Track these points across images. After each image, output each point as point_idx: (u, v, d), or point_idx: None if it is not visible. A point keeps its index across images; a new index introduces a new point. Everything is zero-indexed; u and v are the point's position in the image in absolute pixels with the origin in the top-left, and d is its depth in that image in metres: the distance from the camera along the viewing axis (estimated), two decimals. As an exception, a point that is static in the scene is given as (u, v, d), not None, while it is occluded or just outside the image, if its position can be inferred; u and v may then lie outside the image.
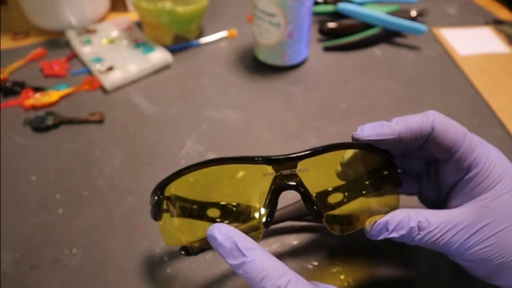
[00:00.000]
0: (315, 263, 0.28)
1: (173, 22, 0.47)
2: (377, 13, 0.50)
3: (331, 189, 0.24)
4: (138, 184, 0.33)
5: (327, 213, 0.23)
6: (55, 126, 0.39)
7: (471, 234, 0.20)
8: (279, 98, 0.43)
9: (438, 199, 0.25)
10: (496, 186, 0.20)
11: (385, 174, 0.23)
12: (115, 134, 0.38)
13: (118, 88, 0.44)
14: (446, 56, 0.50)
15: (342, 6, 0.51)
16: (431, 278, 0.27)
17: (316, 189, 0.21)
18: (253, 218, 0.22)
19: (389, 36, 0.52)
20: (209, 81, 0.45)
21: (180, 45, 0.49)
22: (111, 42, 0.49)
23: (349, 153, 0.23)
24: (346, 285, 0.26)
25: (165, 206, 0.23)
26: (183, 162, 0.35)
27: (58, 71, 0.45)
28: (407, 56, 0.50)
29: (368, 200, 0.24)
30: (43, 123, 0.38)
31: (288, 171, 0.20)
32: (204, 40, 0.51)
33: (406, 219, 0.21)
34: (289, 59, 0.45)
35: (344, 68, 0.47)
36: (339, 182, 0.24)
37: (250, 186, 0.22)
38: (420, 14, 0.54)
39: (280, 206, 0.22)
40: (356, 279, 0.27)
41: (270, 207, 0.21)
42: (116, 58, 0.46)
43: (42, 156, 0.36)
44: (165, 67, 0.46)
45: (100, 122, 0.39)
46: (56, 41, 0.51)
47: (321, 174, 0.23)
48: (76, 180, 0.34)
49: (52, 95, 0.41)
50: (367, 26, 0.51)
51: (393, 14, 0.52)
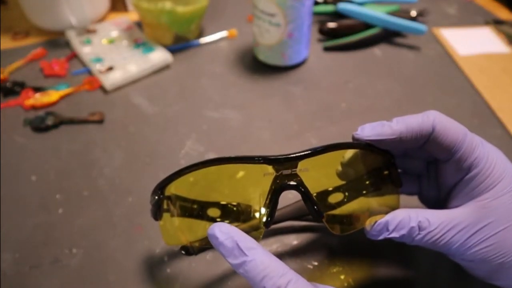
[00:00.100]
0: (315, 263, 0.28)
1: (173, 22, 0.47)
2: (377, 13, 0.50)
3: (331, 189, 0.24)
4: (138, 184, 0.33)
5: (328, 213, 0.23)
6: (55, 126, 0.39)
7: (471, 234, 0.20)
8: (279, 98, 0.43)
9: (438, 199, 0.25)
10: (496, 186, 0.20)
11: (385, 174, 0.23)
12: (115, 134, 0.38)
13: (118, 88, 0.44)
14: (446, 56, 0.50)
15: (342, 6, 0.51)
16: (431, 278, 0.27)
17: (316, 189, 0.21)
18: (253, 218, 0.22)
19: (389, 36, 0.52)
20: (209, 81, 0.45)
21: (180, 45, 0.49)
22: (111, 42, 0.49)
23: (349, 153, 0.23)
24: (346, 285, 0.26)
25: (165, 206, 0.23)
26: (183, 162, 0.35)
27: (58, 71, 0.45)
28: (407, 56, 0.50)
29: (368, 200, 0.24)
30: (43, 123, 0.38)
31: (288, 171, 0.20)
32: (204, 40, 0.51)
33: (406, 219, 0.21)
34: (289, 59, 0.45)
35: (344, 68, 0.47)
36: (340, 182, 0.24)
37: (250, 186, 0.22)
38: (420, 14, 0.54)
39: (280, 206, 0.22)
40: (356, 279, 0.27)
41: (270, 207, 0.21)
42: (116, 58, 0.46)
43: (42, 156, 0.36)
44: (165, 67, 0.46)
45: (100, 122, 0.39)
46: (56, 41, 0.51)
47: (321, 174, 0.23)
48: (76, 180, 0.34)
49: (52, 95, 0.41)
50: (367, 26, 0.51)
51: (393, 14, 0.52)
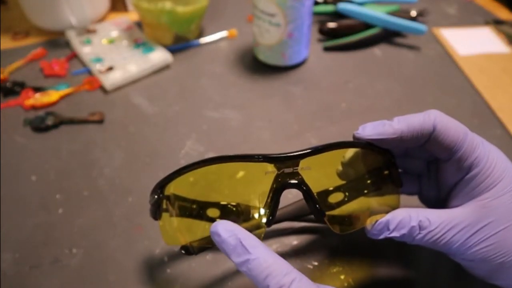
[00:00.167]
0: (315, 263, 0.28)
1: (173, 22, 0.47)
2: (377, 13, 0.50)
3: (332, 188, 0.24)
4: (138, 184, 0.33)
5: (328, 212, 0.23)
6: (55, 126, 0.39)
7: (472, 234, 0.20)
8: (279, 98, 0.43)
9: (438, 199, 0.25)
10: (496, 186, 0.20)
11: (385, 173, 0.23)
12: (115, 134, 0.38)
13: (118, 88, 0.44)
14: (446, 56, 0.50)
15: (342, 6, 0.51)
16: (432, 278, 0.27)
17: (317, 188, 0.21)
18: (254, 218, 0.22)
19: (389, 36, 0.52)
20: (209, 81, 0.45)
21: (180, 45, 0.49)
22: (111, 42, 0.49)
23: (350, 152, 0.23)
24: (346, 285, 0.26)
25: (164, 206, 0.23)
26: (183, 162, 0.35)
27: (58, 71, 0.45)
28: (407, 56, 0.50)
29: (368, 199, 0.24)
30: (43, 123, 0.38)
31: (290, 169, 0.20)
32: (204, 40, 0.51)
33: (407, 219, 0.21)
34: (289, 59, 0.45)
35: (344, 68, 0.47)
36: (340, 182, 0.24)
37: (251, 185, 0.22)
38: (420, 14, 0.54)
39: (280, 206, 0.22)
40: (356, 279, 0.27)
41: (272, 206, 0.21)
42: (116, 58, 0.46)
43: (42, 156, 0.36)
44: (165, 67, 0.46)
45: (100, 122, 0.39)
46: (56, 41, 0.51)
47: (322, 174, 0.23)
48: (76, 180, 0.34)
49: (52, 95, 0.41)
50: (367, 26, 0.51)
51: (393, 14, 0.52)
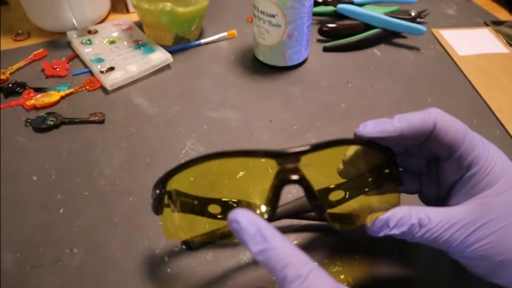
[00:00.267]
0: (315, 263, 0.28)
1: (173, 22, 0.47)
2: (376, 13, 0.50)
3: (333, 186, 0.24)
4: (138, 184, 0.33)
5: (329, 210, 0.23)
6: (56, 126, 0.39)
7: (472, 232, 0.20)
8: (279, 98, 0.43)
9: (438, 198, 0.25)
10: (496, 184, 0.21)
11: (386, 172, 0.23)
12: (116, 134, 0.38)
13: (119, 88, 0.44)
14: (445, 56, 0.50)
15: (342, 6, 0.52)
16: (431, 277, 0.27)
17: (318, 186, 0.21)
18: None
19: (388, 36, 0.52)
20: (209, 81, 0.45)
21: (180, 45, 0.50)
22: (112, 42, 0.49)
23: (350, 151, 0.23)
24: (346, 284, 0.27)
25: (166, 201, 0.23)
26: (184, 162, 0.35)
27: (59, 72, 0.45)
28: (407, 56, 0.50)
29: (369, 198, 0.24)
30: (44, 123, 0.38)
31: (291, 165, 0.20)
32: (204, 40, 0.51)
33: (407, 216, 0.21)
34: (289, 60, 0.45)
35: (344, 68, 0.47)
36: (341, 180, 0.24)
37: (253, 180, 0.22)
38: (419, 15, 0.54)
39: (280, 204, 0.22)
40: (356, 278, 0.27)
41: (272, 202, 0.21)
42: (116, 59, 0.46)
43: (43, 156, 0.36)
44: (165, 68, 0.47)
45: (100, 122, 0.39)
46: (57, 41, 0.51)
47: (323, 172, 0.23)
48: (76, 180, 0.34)
49: (53, 96, 0.41)
50: (367, 26, 0.51)
51: (392, 14, 0.52)
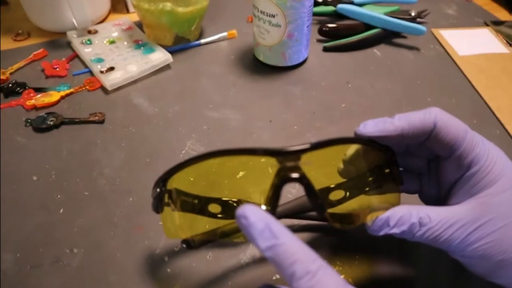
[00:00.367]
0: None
1: (173, 22, 0.47)
2: (376, 13, 0.50)
3: (333, 186, 0.24)
4: (138, 184, 0.33)
5: (329, 210, 0.23)
6: (56, 126, 0.39)
7: (472, 231, 0.20)
8: (279, 98, 0.43)
9: (438, 198, 0.25)
10: (496, 183, 0.21)
11: (386, 172, 0.23)
12: (116, 134, 0.38)
13: (119, 88, 0.44)
14: (445, 56, 0.50)
15: (342, 6, 0.52)
16: (431, 276, 0.27)
17: (318, 185, 0.21)
18: None
19: (388, 36, 0.52)
20: (209, 81, 0.45)
21: (180, 45, 0.50)
22: (112, 42, 0.49)
23: (351, 150, 0.23)
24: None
25: (166, 200, 0.23)
26: (184, 162, 0.35)
27: (59, 72, 0.45)
28: (407, 56, 0.50)
29: (369, 197, 0.24)
30: (44, 123, 0.38)
31: (292, 163, 0.20)
32: (204, 40, 0.51)
33: (407, 215, 0.21)
34: (289, 60, 0.45)
35: (344, 68, 0.47)
36: (341, 180, 0.24)
37: (253, 179, 0.22)
38: (419, 15, 0.54)
39: (281, 203, 0.22)
40: (356, 278, 0.27)
41: (273, 201, 0.20)
42: (116, 59, 0.46)
43: (43, 156, 0.36)
44: (165, 68, 0.47)
45: (100, 122, 0.39)
46: (57, 41, 0.51)
47: (323, 171, 0.23)
48: (76, 180, 0.34)
49: (53, 96, 0.41)
50: (367, 26, 0.51)
51: (392, 14, 0.52)
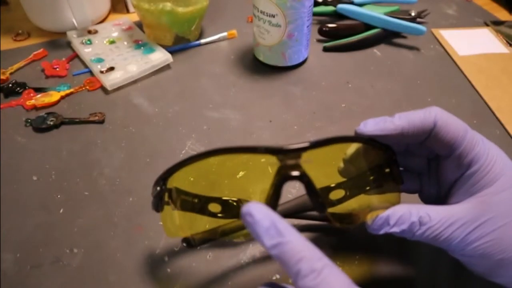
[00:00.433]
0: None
1: (173, 22, 0.47)
2: (376, 13, 0.50)
3: (334, 185, 0.24)
4: (138, 184, 0.33)
5: (329, 209, 0.23)
6: (56, 126, 0.39)
7: (471, 230, 0.20)
8: (279, 98, 0.43)
9: (438, 197, 0.25)
10: (496, 183, 0.21)
11: (386, 171, 0.23)
12: (116, 134, 0.38)
13: (119, 88, 0.44)
14: (445, 56, 0.50)
15: (342, 6, 0.52)
16: (431, 275, 0.27)
17: (318, 185, 0.21)
18: None
19: (388, 36, 0.52)
20: (209, 81, 0.45)
21: (180, 45, 0.50)
22: (112, 42, 0.49)
23: (351, 150, 0.23)
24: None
25: (166, 198, 0.23)
26: (184, 162, 0.35)
27: (59, 72, 0.45)
28: (407, 56, 0.50)
29: (369, 197, 0.24)
30: (44, 123, 0.38)
31: (292, 161, 0.20)
32: (204, 40, 0.51)
33: (407, 214, 0.21)
34: (289, 60, 0.45)
35: (344, 68, 0.47)
36: (341, 179, 0.24)
37: (253, 177, 0.22)
38: (419, 15, 0.54)
39: (281, 202, 0.22)
40: (356, 278, 0.27)
41: (273, 199, 0.20)
42: (116, 59, 0.46)
43: (43, 156, 0.36)
44: (165, 68, 0.47)
45: (100, 122, 0.39)
46: (57, 41, 0.51)
47: (323, 170, 0.23)
48: (76, 180, 0.34)
49: (53, 96, 0.41)
50: (367, 26, 0.51)
51: (392, 14, 0.52)
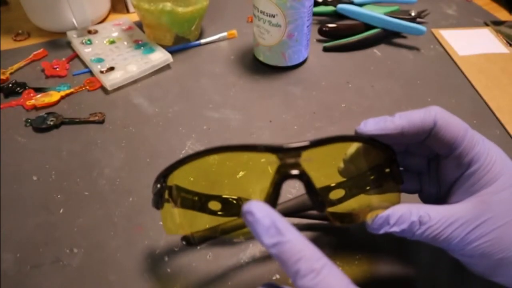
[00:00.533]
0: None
1: (173, 22, 0.47)
2: (376, 13, 0.50)
3: (334, 185, 0.24)
4: (138, 184, 0.33)
5: (329, 208, 0.23)
6: (56, 126, 0.39)
7: (471, 229, 0.20)
8: (279, 98, 0.43)
9: (438, 197, 0.25)
10: (496, 182, 0.21)
11: (386, 171, 0.23)
12: (116, 134, 0.38)
13: (119, 88, 0.44)
14: (445, 56, 0.50)
15: (342, 6, 0.52)
16: (431, 275, 0.27)
17: (318, 184, 0.21)
18: None
19: (388, 36, 0.52)
20: (209, 81, 0.45)
21: (180, 45, 0.50)
22: (112, 42, 0.49)
23: (351, 149, 0.23)
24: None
25: (166, 196, 0.22)
26: (184, 162, 0.35)
27: (59, 72, 0.45)
28: (407, 56, 0.50)
29: (369, 196, 0.24)
30: (44, 123, 0.38)
31: (292, 160, 0.20)
32: (204, 40, 0.51)
33: (407, 214, 0.21)
34: (289, 60, 0.45)
35: (344, 68, 0.47)
36: (341, 179, 0.24)
37: (253, 176, 0.22)
38: (419, 15, 0.54)
39: (280, 201, 0.22)
40: (356, 278, 0.27)
41: (272, 198, 0.20)
42: (116, 59, 0.46)
43: (43, 156, 0.36)
44: (165, 68, 0.47)
45: (100, 122, 0.39)
46: (57, 41, 0.51)
47: (323, 170, 0.23)
48: (76, 180, 0.34)
49: (53, 96, 0.41)
50: (367, 26, 0.51)
51: (392, 14, 0.52)
